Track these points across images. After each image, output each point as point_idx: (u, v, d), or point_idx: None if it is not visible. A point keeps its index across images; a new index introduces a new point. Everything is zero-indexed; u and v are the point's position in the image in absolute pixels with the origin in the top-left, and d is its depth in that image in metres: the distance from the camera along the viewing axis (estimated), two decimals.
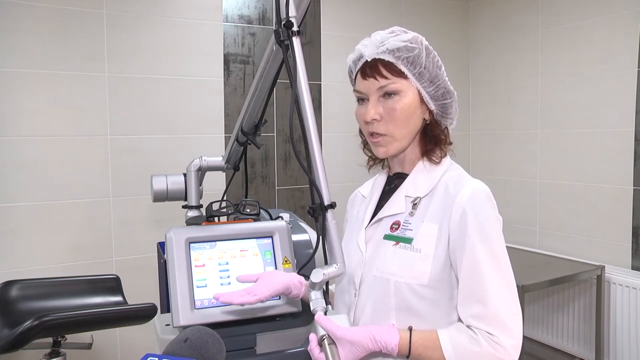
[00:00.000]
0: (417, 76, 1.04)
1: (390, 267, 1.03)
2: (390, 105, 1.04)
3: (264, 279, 1.23)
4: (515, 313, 0.96)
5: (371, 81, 1.05)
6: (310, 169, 0.99)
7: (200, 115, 2.76)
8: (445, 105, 1.08)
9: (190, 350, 0.89)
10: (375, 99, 1.05)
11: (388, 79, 1.03)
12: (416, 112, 1.06)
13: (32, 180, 2.40)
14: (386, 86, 1.04)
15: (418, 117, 1.07)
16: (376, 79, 1.04)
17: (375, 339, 0.94)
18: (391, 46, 1.02)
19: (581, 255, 2.93)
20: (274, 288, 1.20)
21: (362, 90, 1.08)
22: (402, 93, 1.04)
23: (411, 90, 1.04)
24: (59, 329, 1.69)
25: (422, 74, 1.04)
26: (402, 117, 1.04)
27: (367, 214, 1.15)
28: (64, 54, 2.43)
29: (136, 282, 2.49)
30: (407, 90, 1.04)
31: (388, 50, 1.03)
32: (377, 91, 1.05)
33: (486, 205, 0.99)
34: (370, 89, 1.06)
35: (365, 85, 1.07)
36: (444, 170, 1.09)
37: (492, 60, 3.49)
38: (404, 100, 1.04)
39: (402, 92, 1.04)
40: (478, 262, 0.96)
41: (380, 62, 1.04)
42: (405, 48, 1.02)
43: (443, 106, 1.08)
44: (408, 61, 1.03)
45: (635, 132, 2.68)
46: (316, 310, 0.97)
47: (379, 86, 1.04)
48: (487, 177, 3.40)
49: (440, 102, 1.07)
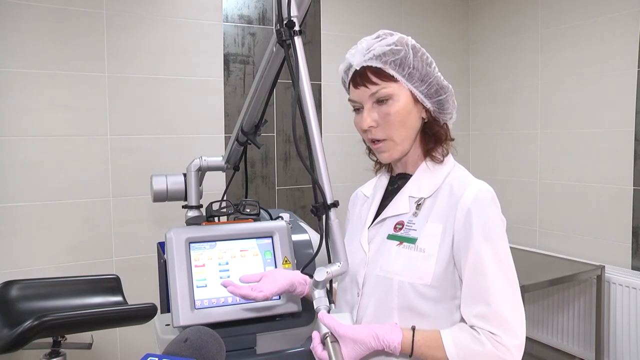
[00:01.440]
0: (407, 77, 1.04)
1: (394, 266, 1.03)
2: (385, 111, 1.04)
3: (269, 277, 1.24)
4: (519, 313, 0.96)
5: (362, 89, 1.05)
6: (313, 167, 0.99)
7: (200, 115, 2.76)
8: (441, 101, 1.08)
9: (190, 350, 0.89)
10: (370, 106, 1.06)
11: (378, 85, 1.04)
12: (412, 113, 1.06)
13: (32, 180, 2.40)
14: (377, 92, 1.04)
15: (415, 117, 1.07)
16: (367, 86, 1.05)
17: (378, 337, 0.95)
18: (377, 52, 1.03)
19: (581, 255, 2.93)
20: (279, 284, 1.21)
21: (355, 99, 1.08)
22: (395, 97, 1.04)
23: (403, 93, 1.04)
24: (59, 329, 1.69)
25: (412, 75, 1.04)
26: (397, 120, 1.04)
27: (370, 213, 1.16)
28: (64, 54, 2.43)
29: (136, 282, 2.49)
30: (400, 93, 1.04)
31: (375, 56, 1.03)
32: (369, 98, 1.05)
33: (491, 206, 1.00)
34: (363, 97, 1.06)
35: (357, 94, 1.07)
36: (448, 170, 1.09)
37: (492, 60, 3.49)
38: (397, 103, 1.04)
39: (395, 95, 1.04)
40: (482, 263, 0.96)
41: (368, 69, 1.04)
42: (391, 52, 1.02)
43: (439, 102, 1.08)
44: (395, 64, 1.03)
45: (635, 132, 2.68)
46: (319, 308, 0.97)
47: (370, 93, 1.05)
48: (487, 177, 3.39)
49: (435, 99, 1.07)
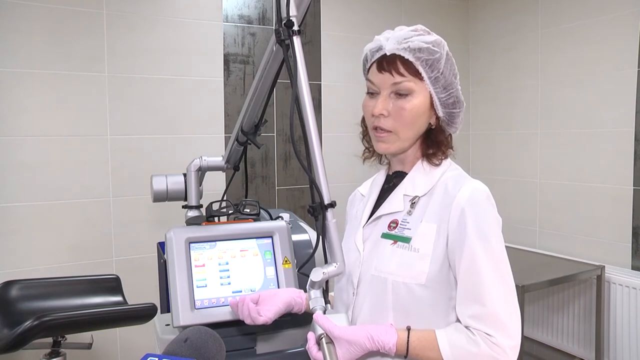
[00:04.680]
0: (433, 80, 1.03)
1: (388, 266, 1.02)
2: (401, 104, 1.03)
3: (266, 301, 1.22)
4: (514, 314, 0.96)
5: (386, 75, 1.04)
6: (311, 168, 0.99)
7: (200, 115, 2.76)
8: (453, 115, 1.08)
9: (190, 350, 0.90)
10: (387, 94, 1.04)
11: (404, 77, 1.02)
12: (424, 115, 1.05)
13: (32, 180, 2.40)
14: (400, 83, 1.03)
15: (424, 120, 1.06)
16: (392, 74, 1.03)
17: (373, 338, 0.94)
18: (414, 45, 1.01)
19: (581, 255, 2.92)
20: (276, 308, 1.20)
21: (375, 82, 1.06)
22: (415, 94, 1.03)
23: (423, 93, 1.04)
24: (59, 329, 1.69)
25: (438, 79, 1.03)
26: (409, 117, 1.03)
27: (365, 212, 1.15)
28: (64, 54, 2.43)
29: (136, 282, 2.49)
30: (420, 92, 1.03)
31: (410, 48, 1.01)
32: (390, 87, 1.04)
33: (486, 206, 0.99)
34: (384, 83, 1.04)
35: (379, 79, 1.05)
36: (443, 170, 1.08)
37: (492, 60, 3.49)
38: (414, 101, 1.03)
39: (415, 92, 1.03)
40: (477, 263, 0.95)
41: (399, 59, 1.03)
42: (428, 50, 1.01)
43: (451, 115, 1.07)
44: (427, 63, 1.02)
45: (635, 132, 2.68)
46: (315, 309, 0.97)
47: (393, 82, 1.03)
48: (487, 177, 3.40)
49: (449, 110, 1.06)
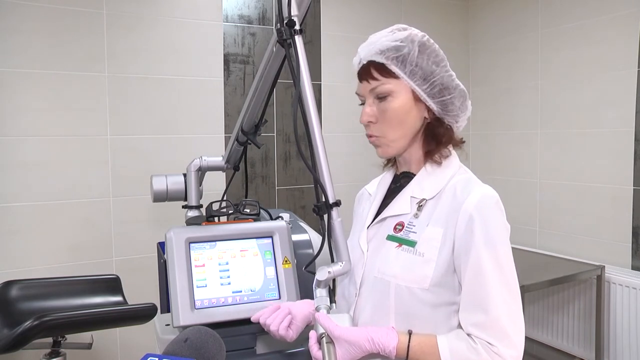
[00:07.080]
0: (409, 75, 1.02)
1: (392, 269, 1.02)
2: (383, 107, 1.03)
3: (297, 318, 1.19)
4: (518, 324, 0.94)
5: (365, 84, 1.06)
6: (315, 167, 0.99)
7: (200, 115, 2.76)
8: (445, 102, 1.04)
9: (190, 350, 0.89)
10: (371, 101, 1.05)
11: (378, 81, 1.03)
12: (411, 112, 1.04)
13: (32, 180, 2.40)
14: (377, 88, 1.03)
15: (415, 116, 1.05)
16: (368, 81, 1.04)
17: (373, 340, 0.94)
18: (381, 47, 1.02)
19: (581, 255, 2.92)
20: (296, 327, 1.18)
21: (359, 93, 1.09)
22: (394, 94, 1.03)
23: (404, 91, 1.03)
24: (59, 329, 1.69)
25: (414, 72, 1.02)
26: (394, 118, 1.03)
27: (371, 212, 1.15)
28: (64, 54, 2.43)
29: (136, 282, 2.49)
30: (400, 90, 1.03)
31: (379, 51, 1.02)
32: (370, 93, 1.05)
33: (494, 212, 0.97)
34: (365, 91, 1.06)
35: (361, 88, 1.07)
36: (452, 173, 1.06)
37: (492, 60, 3.49)
38: (396, 101, 1.02)
39: (394, 92, 1.03)
40: (482, 270, 0.94)
41: (372, 64, 1.04)
42: (394, 48, 1.01)
43: (442, 103, 1.05)
44: (398, 60, 1.01)
45: (635, 132, 2.68)
46: (319, 307, 0.97)
47: (370, 88, 1.04)
48: (487, 177, 3.40)
49: (438, 99, 1.04)
